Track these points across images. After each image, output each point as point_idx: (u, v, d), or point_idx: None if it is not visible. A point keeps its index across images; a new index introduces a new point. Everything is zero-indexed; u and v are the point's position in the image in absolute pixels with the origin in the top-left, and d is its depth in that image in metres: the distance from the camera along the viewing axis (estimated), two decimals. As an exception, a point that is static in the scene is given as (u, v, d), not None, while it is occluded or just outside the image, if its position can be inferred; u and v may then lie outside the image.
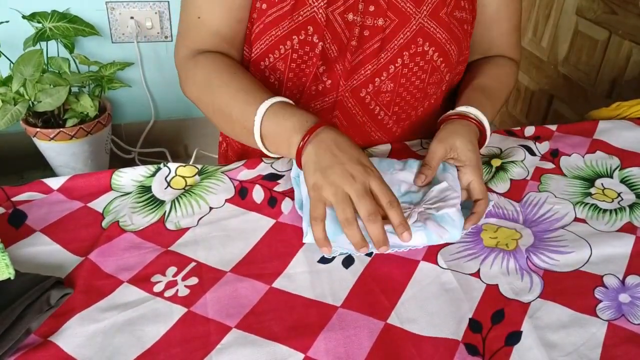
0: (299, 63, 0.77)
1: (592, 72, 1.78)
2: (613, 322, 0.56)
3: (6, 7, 1.68)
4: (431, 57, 0.79)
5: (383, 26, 0.76)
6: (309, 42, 0.75)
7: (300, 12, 0.74)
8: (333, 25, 0.75)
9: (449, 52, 0.80)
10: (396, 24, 0.76)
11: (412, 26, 0.76)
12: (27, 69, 1.56)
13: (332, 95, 0.81)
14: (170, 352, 0.51)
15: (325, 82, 0.79)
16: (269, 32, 0.75)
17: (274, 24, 0.75)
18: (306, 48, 0.76)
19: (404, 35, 0.76)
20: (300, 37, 0.75)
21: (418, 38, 0.77)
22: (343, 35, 0.76)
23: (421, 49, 0.78)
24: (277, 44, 0.76)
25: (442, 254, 0.63)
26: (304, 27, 0.74)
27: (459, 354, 0.52)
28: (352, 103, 0.81)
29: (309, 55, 0.76)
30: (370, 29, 0.76)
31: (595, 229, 0.68)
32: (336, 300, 0.57)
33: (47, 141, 1.70)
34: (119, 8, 1.83)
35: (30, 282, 0.55)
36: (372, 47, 0.77)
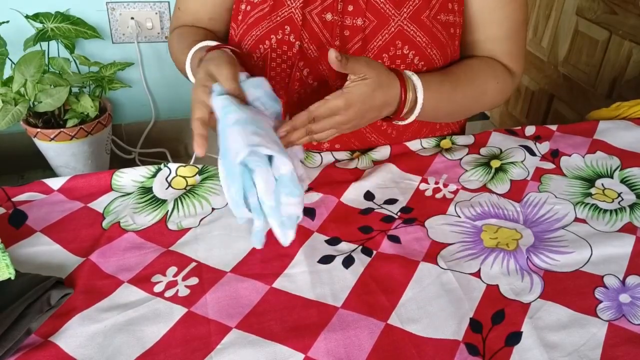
0: (278, 62, 0.79)
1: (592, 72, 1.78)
2: (613, 323, 0.56)
3: (7, 8, 1.68)
4: (412, 60, 0.77)
5: (362, 26, 0.76)
6: (286, 41, 0.77)
7: (278, 12, 0.76)
8: (310, 25, 0.76)
9: (431, 57, 0.78)
10: (375, 25, 0.75)
11: (391, 28, 0.75)
12: (29, 69, 1.56)
13: (321, 96, 0.79)
14: (171, 352, 0.51)
15: (312, 84, 0.79)
16: (251, 32, 0.78)
17: (255, 24, 0.78)
18: (284, 47, 0.77)
19: (382, 37, 0.76)
20: (277, 37, 0.77)
21: (397, 41, 0.76)
22: (321, 34, 0.77)
23: (400, 51, 0.76)
24: (257, 44, 0.78)
25: (443, 255, 0.63)
26: (282, 27, 0.76)
27: (460, 354, 0.52)
28: None
29: (287, 54, 0.78)
30: (350, 29, 0.76)
31: (596, 229, 0.68)
32: (336, 300, 0.57)
33: (48, 141, 1.70)
34: (120, 8, 1.83)
35: (30, 282, 0.55)
36: (354, 47, 0.77)
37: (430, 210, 0.71)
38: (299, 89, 0.79)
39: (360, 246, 0.64)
